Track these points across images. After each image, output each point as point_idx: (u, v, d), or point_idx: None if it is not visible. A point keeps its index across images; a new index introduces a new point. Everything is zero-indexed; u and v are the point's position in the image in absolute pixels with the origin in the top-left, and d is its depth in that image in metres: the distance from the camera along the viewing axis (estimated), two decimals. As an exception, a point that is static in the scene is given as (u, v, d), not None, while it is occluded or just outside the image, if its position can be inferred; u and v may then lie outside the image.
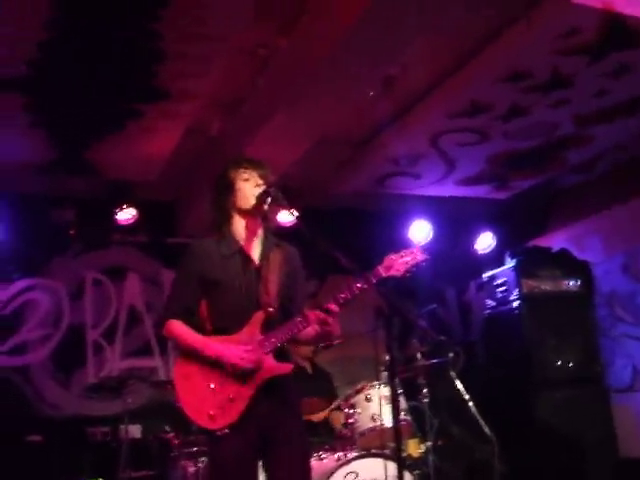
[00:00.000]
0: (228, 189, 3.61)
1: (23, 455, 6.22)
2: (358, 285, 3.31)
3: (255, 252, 3.62)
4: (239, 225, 3.63)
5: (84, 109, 5.62)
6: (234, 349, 3.40)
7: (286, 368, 3.48)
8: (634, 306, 7.36)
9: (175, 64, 5.09)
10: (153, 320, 7.41)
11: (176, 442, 5.66)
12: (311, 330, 3.48)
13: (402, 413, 5.10)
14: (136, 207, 7.03)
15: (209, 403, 3.39)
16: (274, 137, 5.48)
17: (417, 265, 3.34)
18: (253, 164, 3.63)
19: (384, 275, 3.31)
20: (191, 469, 5.42)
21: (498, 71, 5.47)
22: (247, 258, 3.58)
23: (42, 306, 7.15)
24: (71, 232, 7.16)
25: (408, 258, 3.34)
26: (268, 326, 3.48)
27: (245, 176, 3.59)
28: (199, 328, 3.57)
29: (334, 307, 3.36)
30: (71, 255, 7.35)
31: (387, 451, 5.02)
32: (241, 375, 3.40)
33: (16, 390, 6.87)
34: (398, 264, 3.33)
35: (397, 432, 3.07)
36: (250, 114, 5.69)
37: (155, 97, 5.50)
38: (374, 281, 3.29)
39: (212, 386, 3.42)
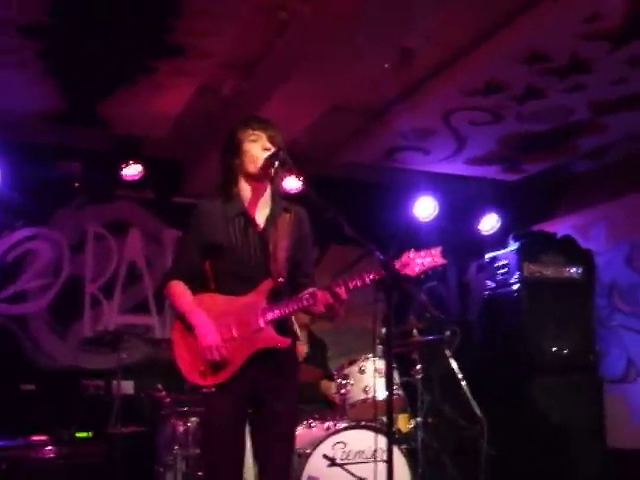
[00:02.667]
0: (235, 150, 3.55)
1: (16, 403, 6.26)
2: (370, 277, 3.24)
3: (260, 216, 3.57)
4: (245, 188, 3.58)
5: (97, 61, 5.56)
6: (213, 335, 3.38)
7: (284, 342, 3.45)
8: (633, 298, 7.35)
9: (191, 21, 5.03)
10: (153, 278, 7.41)
11: (167, 400, 5.69)
12: (315, 309, 3.42)
13: (394, 387, 5.12)
14: (143, 163, 6.98)
15: (201, 360, 3.40)
16: (287, 101, 5.42)
17: (434, 269, 3.26)
18: (262, 125, 3.56)
19: (399, 272, 3.23)
20: (181, 428, 5.46)
21: (517, 51, 5.40)
22: (250, 221, 3.54)
23: (43, 256, 7.16)
24: (76, 184, 7.13)
25: (427, 259, 3.25)
26: (274, 295, 3.46)
27: (253, 138, 3.52)
28: (203, 287, 3.56)
29: (343, 293, 3.30)
30: (75, 207, 7.33)
31: (377, 424, 5.04)
32: (238, 339, 3.40)
33: (13, 338, 6.90)
34: (415, 264, 3.24)
35: (389, 405, 3.06)
36: (264, 76, 5.62)
37: (169, 53, 5.44)
38: (388, 276, 3.17)
39: None
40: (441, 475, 5.85)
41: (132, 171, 6.98)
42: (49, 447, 5.63)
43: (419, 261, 3.25)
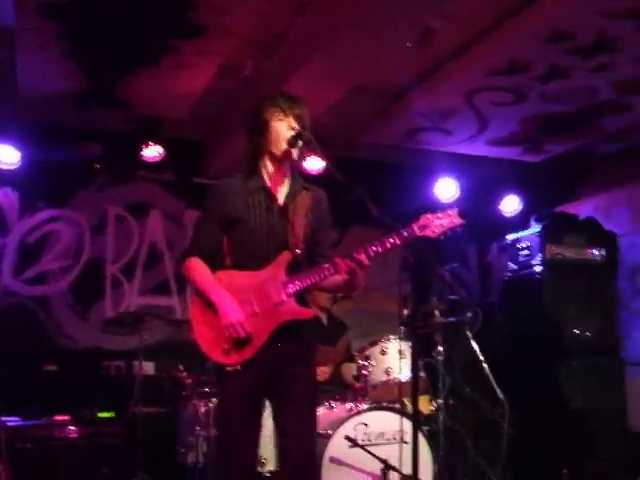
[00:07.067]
0: (261, 129, 3.53)
1: (39, 383, 6.31)
2: (390, 240, 3.24)
3: (281, 193, 3.56)
4: (268, 165, 3.56)
5: (119, 41, 5.56)
6: (236, 311, 3.36)
7: (307, 313, 3.47)
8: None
9: (214, -1, 5.01)
10: (173, 259, 7.42)
11: (188, 381, 5.70)
12: (337, 278, 3.41)
13: (415, 369, 5.11)
14: (164, 145, 6.96)
15: (225, 338, 3.37)
16: (307, 81, 5.37)
17: (453, 229, 3.26)
18: (289, 104, 3.52)
19: (418, 234, 3.23)
20: (202, 409, 5.47)
21: (541, 30, 5.33)
22: (271, 196, 3.53)
23: (64, 238, 7.19)
24: (97, 165, 7.14)
25: (445, 220, 3.25)
26: (293, 268, 3.45)
27: (280, 117, 3.50)
28: (220, 264, 3.55)
29: (364, 258, 3.27)
30: (95, 189, 7.35)
31: (398, 405, 5.04)
32: (260, 314, 3.39)
33: (34, 319, 6.96)
34: (434, 225, 3.24)
35: (415, 388, 3.04)
36: (285, 56, 5.59)
37: (191, 33, 5.42)
38: (407, 238, 3.21)
39: None
40: (462, 457, 5.84)
41: (153, 152, 6.97)
42: (72, 427, 5.69)
43: (438, 222, 3.25)
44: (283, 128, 3.48)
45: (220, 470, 3.54)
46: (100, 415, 5.95)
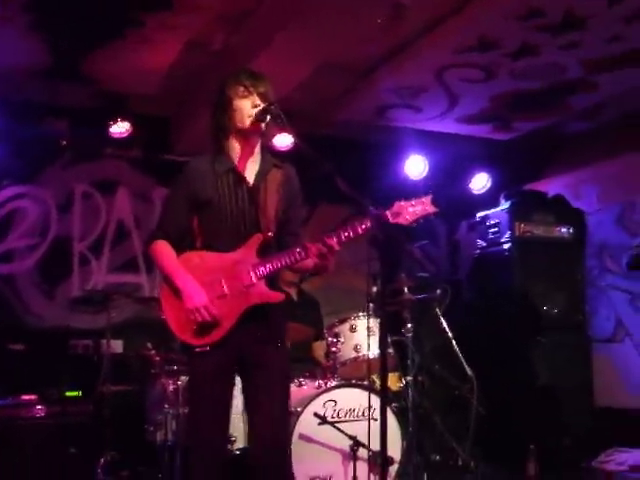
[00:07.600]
0: (225, 107, 3.49)
1: (5, 363, 6.23)
2: (362, 226, 3.21)
3: (250, 172, 3.53)
4: (235, 144, 3.53)
5: (85, 14, 5.44)
6: (199, 295, 3.35)
7: (277, 297, 3.44)
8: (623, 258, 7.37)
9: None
10: (141, 237, 7.35)
11: (157, 359, 5.66)
12: (307, 261, 3.40)
13: (385, 346, 5.11)
14: (131, 121, 6.87)
15: (192, 321, 3.36)
16: (277, 57, 5.33)
17: (426, 217, 3.24)
18: (253, 81, 3.48)
19: (391, 221, 3.21)
20: (170, 387, 5.43)
21: (511, 6, 5.31)
22: (240, 177, 3.49)
23: (30, 215, 7.08)
24: (63, 142, 7.04)
25: (418, 208, 3.23)
26: (264, 250, 3.43)
27: (243, 93, 3.45)
28: (190, 245, 3.52)
29: (336, 243, 3.25)
30: (62, 166, 7.23)
31: (367, 382, 5.05)
32: (229, 295, 3.37)
33: (0, 298, 6.85)
34: (407, 212, 3.21)
35: (384, 365, 3.03)
36: (254, 31, 5.52)
37: (157, 6, 5.33)
38: (380, 225, 3.16)
39: None
40: (431, 433, 5.88)
41: (120, 129, 6.87)
42: (39, 406, 5.62)
43: (411, 210, 3.23)
44: (247, 106, 3.45)
45: (190, 448, 3.53)
46: (68, 394, 5.89)
